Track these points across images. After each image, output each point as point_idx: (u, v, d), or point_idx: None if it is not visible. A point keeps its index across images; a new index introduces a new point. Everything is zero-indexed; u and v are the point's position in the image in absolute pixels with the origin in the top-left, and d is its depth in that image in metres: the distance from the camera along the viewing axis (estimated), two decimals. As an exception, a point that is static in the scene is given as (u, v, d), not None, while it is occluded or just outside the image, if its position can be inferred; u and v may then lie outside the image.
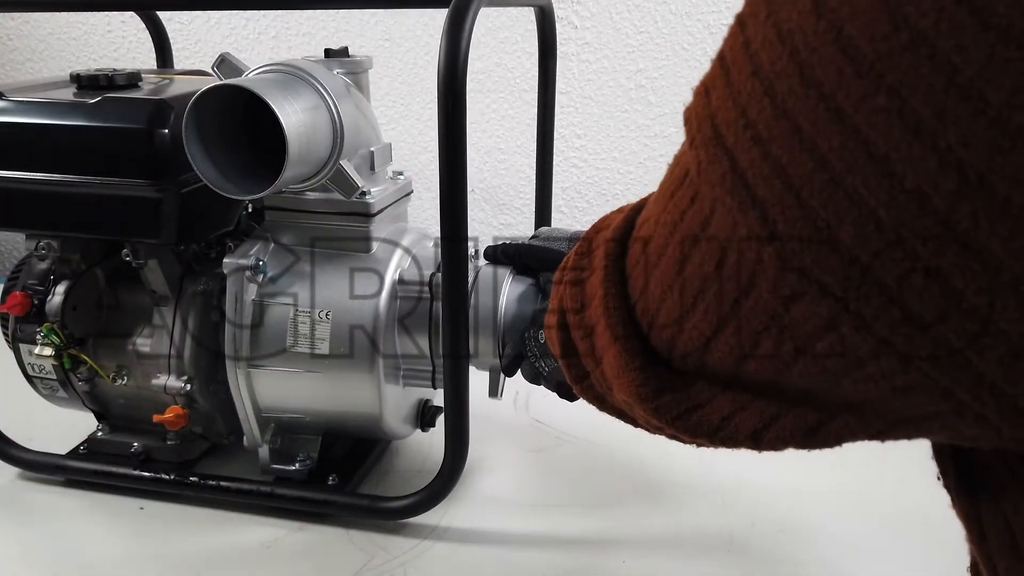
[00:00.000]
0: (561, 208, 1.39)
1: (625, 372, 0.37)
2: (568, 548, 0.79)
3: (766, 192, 0.27)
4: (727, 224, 0.30)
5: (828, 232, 0.25)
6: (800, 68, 0.25)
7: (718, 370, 0.34)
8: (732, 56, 0.28)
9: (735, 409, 0.34)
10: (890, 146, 0.23)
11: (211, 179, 0.68)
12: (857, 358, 0.27)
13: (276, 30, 1.44)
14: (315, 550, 0.78)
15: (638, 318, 0.37)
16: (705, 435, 0.35)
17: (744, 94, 0.27)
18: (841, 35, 0.23)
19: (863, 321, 0.26)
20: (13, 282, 0.84)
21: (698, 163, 0.30)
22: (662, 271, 0.35)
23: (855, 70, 0.23)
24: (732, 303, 0.31)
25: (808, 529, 0.80)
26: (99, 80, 0.80)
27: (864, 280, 0.25)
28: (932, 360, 0.25)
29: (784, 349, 0.30)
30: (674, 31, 1.29)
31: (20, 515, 0.84)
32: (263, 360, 0.77)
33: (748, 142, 0.27)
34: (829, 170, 0.25)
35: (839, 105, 0.24)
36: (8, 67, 1.57)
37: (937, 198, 0.23)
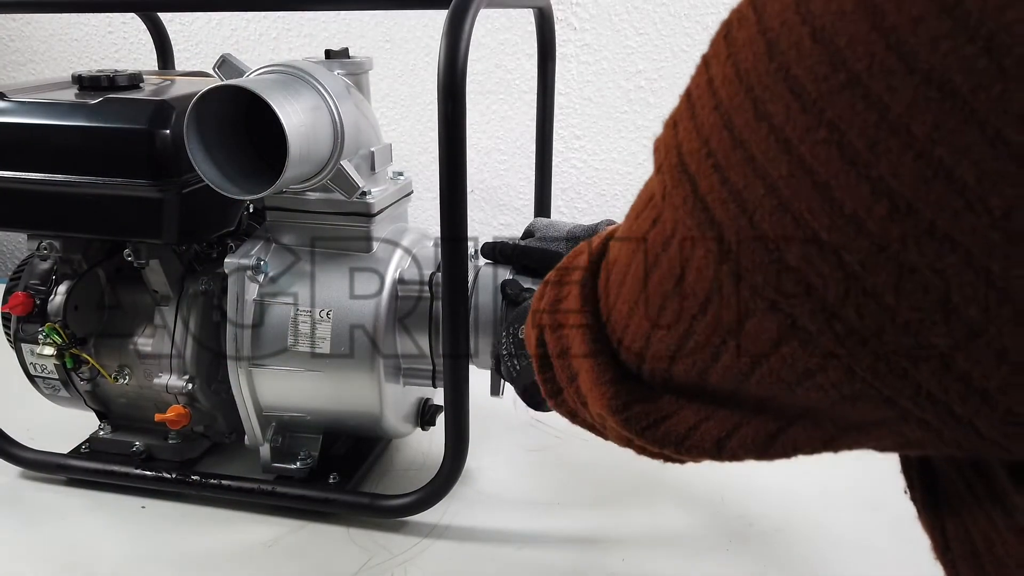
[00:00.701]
0: (561, 208, 1.40)
1: (597, 386, 0.40)
2: (568, 547, 0.79)
3: (723, 215, 0.29)
4: (687, 244, 0.32)
5: (777, 253, 0.27)
6: (754, 103, 0.27)
7: (683, 382, 0.36)
8: (697, 92, 0.31)
9: (700, 419, 0.36)
10: (830, 174, 0.25)
11: (212, 179, 0.68)
12: (807, 369, 0.29)
13: (277, 31, 1.45)
14: (316, 548, 0.78)
15: (609, 335, 0.39)
16: (672, 445, 0.37)
17: (707, 126, 0.30)
18: (789, 74, 0.26)
19: (809, 336, 0.28)
20: (15, 282, 0.84)
21: (663, 187, 0.33)
22: (628, 289, 0.37)
23: (800, 106, 0.26)
24: (691, 319, 0.33)
25: (807, 529, 0.80)
26: (100, 81, 0.81)
27: (809, 297, 0.27)
28: (873, 371, 0.27)
29: (741, 361, 0.32)
30: (673, 33, 1.29)
31: (22, 514, 0.84)
32: (264, 359, 0.77)
33: (709, 169, 0.29)
34: (778, 195, 0.27)
35: (787, 136, 0.26)
36: (10, 68, 1.58)
37: (871, 222, 0.25)
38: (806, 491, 0.86)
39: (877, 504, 0.83)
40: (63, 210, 0.77)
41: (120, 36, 1.51)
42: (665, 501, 0.85)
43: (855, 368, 0.28)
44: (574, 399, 0.45)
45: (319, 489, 0.81)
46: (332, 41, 1.41)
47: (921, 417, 0.28)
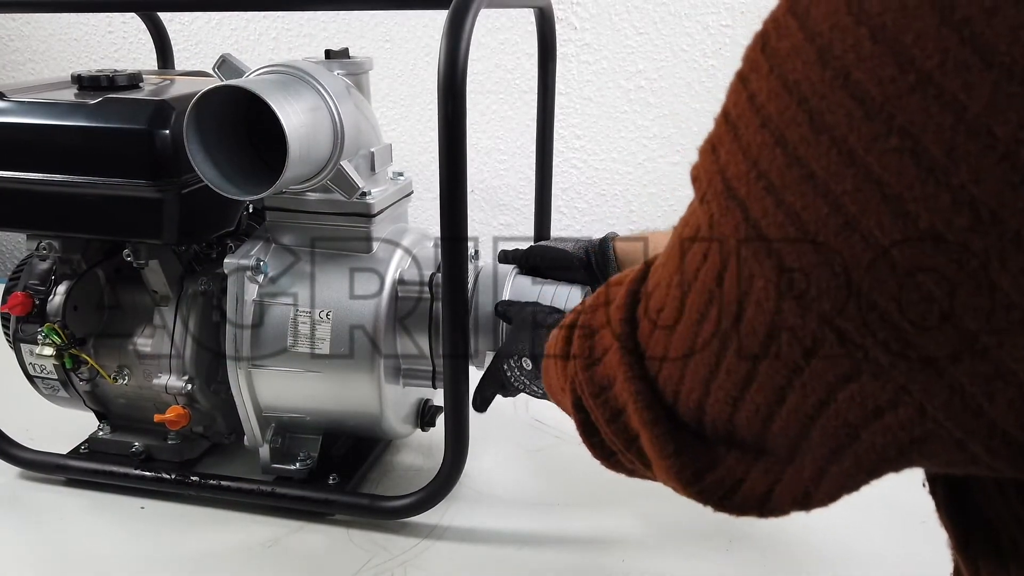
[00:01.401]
0: (561, 208, 1.40)
1: (661, 460, 0.37)
2: (568, 547, 0.79)
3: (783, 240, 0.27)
4: (743, 275, 0.30)
5: (845, 276, 0.25)
6: (810, 115, 0.25)
7: (746, 434, 0.34)
8: (737, 111, 0.29)
9: (773, 481, 0.34)
10: (903, 185, 0.23)
11: (212, 180, 0.68)
12: (876, 408, 0.27)
13: (277, 31, 1.44)
14: (315, 549, 0.78)
15: (661, 391, 0.37)
16: (753, 510, 0.35)
17: (754, 146, 0.28)
18: (849, 80, 0.24)
19: (881, 368, 0.26)
20: (14, 282, 0.84)
21: (709, 217, 0.31)
22: (680, 334, 0.34)
23: (865, 112, 0.24)
24: (753, 359, 0.31)
25: (807, 529, 0.80)
26: (100, 81, 0.80)
27: (882, 325, 0.25)
28: (946, 408, 0.25)
29: (808, 403, 0.29)
30: (673, 32, 1.29)
31: (21, 514, 0.84)
32: (264, 360, 0.77)
33: (761, 192, 0.27)
34: (843, 213, 0.25)
35: (851, 148, 0.24)
36: (9, 68, 1.57)
37: (950, 236, 0.23)
38: (806, 492, 0.86)
39: (877, 504, 0.83)
40: (63, 210, 0.77)
41: (120, 36, 1.51)
42: (665, 501, 0.85)
43: (927, 406, 0.26)
44: (633, 462, 0.42)
45: (319, 490, 0.81)
46: (332, 41, 1.41)
47: (991, 465, 0.26)
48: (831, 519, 0.82)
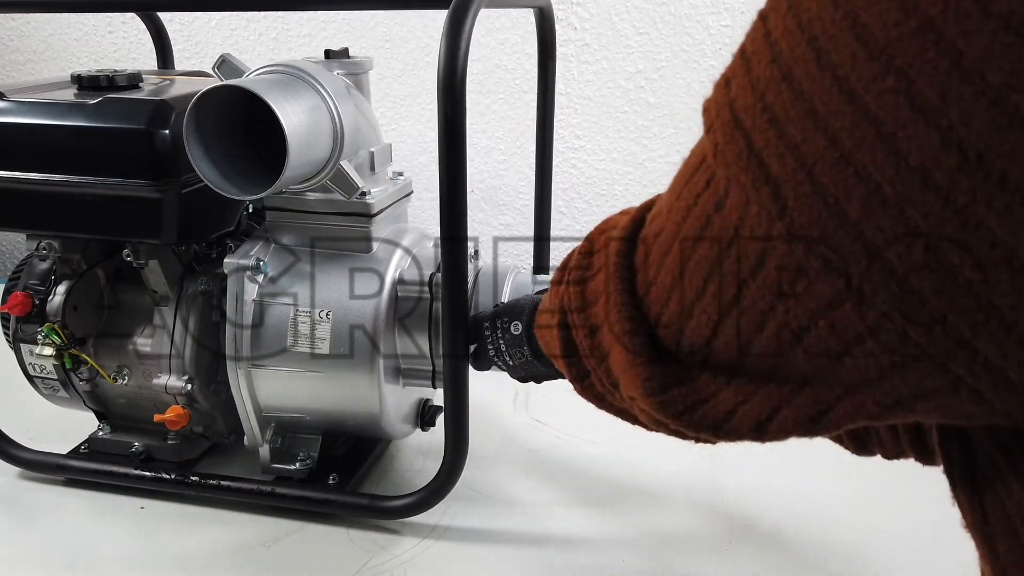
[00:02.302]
0: (561, 208, 1.40)
1: (631, 367, 0.38)
2: (568, 547, 0.79)
3: (780, 170, 0.28)
4: (740, 202, 0.31)
5: (837, 208, 0.27)
6: (817, 53, 0.26)
7: (724, 358, 0.35)
8: (753, 47, 0.30)
9: (739, 401, 0.35)
10: (897, 124, 0.25)
11: (211, 180, 0.68)
12: (858, 334, 0.28)
13: (276, 31, 1.44)
14: (315, 549, 0.78)
15: (646, 313, 0.38)
16: (709, 429, 0.36)
17: (763, 80, 0.29)
18: (856, 22, 0.25)
19: (864, 296, 0.27)
20: (14, 282, 0.84)
21: (715, 146, 0.32)
22: (673, 258, 0.36)
23: (868, 54, 0.25)
24: (740, 284, 0.32)
25: (807, 529, 0.80)
26: (100, 81, 0.80)
27: (867, 254, 0.27)
28: (929, 334, 0.27)
29: (789, 329, 0.31)
30: (673, 32, 1.29)
31: (21, 515, 0.84)
32: (263, 360, 0.77)
33: (765, 124, 0.28)
34: (840, 148, 0.26)
35: (852, 87, 0.25)
36: (9, 68, 1.57)
37: (939, 174, 0.24)
38: (806, 491, 0.86)
39: (877, 504, 0.83)
40: (63, 210, 0.77)
41: (120, 36, 1.51)
42: (665, 501, 0.85)
43: (910, 333, 0.27)
44: (603, 382, 0.43)
45: (318, 490, 0.81)
46: (332, 41, 1.41)
47: (974, 387, 0.27)
48: (831, 519, 0.82)
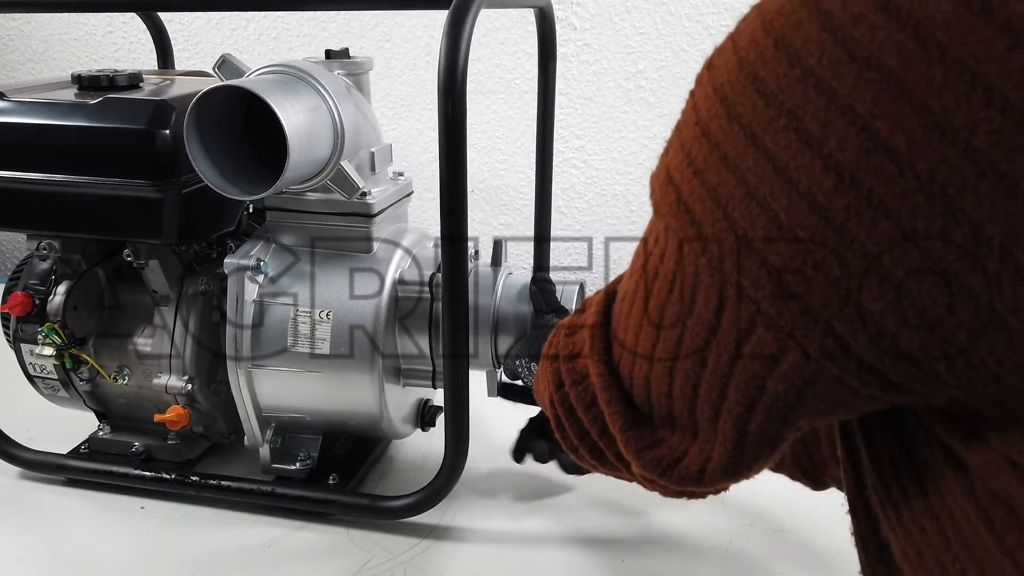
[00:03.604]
0: (561, 208, 1.40)
1: (618, 433, 0.43)
2: (568, 547, 0.79)
3: (702, 211, 0.33)
4: (674, 247, 0.35)
5: (745, 238, 0.31)
6: (727, 108, 0.31)
7: (682, 408, 0.38)
8: (684, 119, 0.35)
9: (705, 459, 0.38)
10: (788, 156, 0.29)
11: (212, 180, 0.68)
12: (772, 356, 0.32)
13: (277, 31, 1.44)
14: (315, 549, 0.78)
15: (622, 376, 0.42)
16: (693, 483, 0.40)
17: (688, 140, 0.34)
18: (756, 77, 0.30)
19: (770, 318, 0.31)
20: (14, 282, 0.84)
21: (656, 205, 0.37)
22: (635, 315, 0.40)
23: (765, 102, 0.30)
24: (682, 323, 0.36)
25: (807, 529, 0.80)
26: (100, 81, 0.80)
27: (769, 279, 0.31)
28: (823, 350, 0.30)
29: (723, 361, 0.34)
30: (673, 32, 1.29)
31: (21, 515, 0.84)
32: (264, 360, 0.77)
33: (690, 175, 0.33)
34: (747, 185, 0.31)
35: (754, 131, 0.30)
36: (9, 68, 1.57)
37: (820, 196, 0.28)
38: (806, 491, 0.86)
39: (877, 505, 0.83)
40: (63, 210, 0.77)
41: (120, 36, 1.51)
42: (665, 501, 0.85)
43: (808, 349, 0.31)
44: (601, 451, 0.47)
45: (319, 490, 0.81)
46: (332, 41, 1.41)
47: (868, 394, 0.31)
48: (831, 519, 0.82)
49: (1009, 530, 0.29)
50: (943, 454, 0.32)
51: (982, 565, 0.30)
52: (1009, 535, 0.29)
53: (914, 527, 0.34)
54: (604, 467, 0.49)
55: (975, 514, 0.31)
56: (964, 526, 0.31)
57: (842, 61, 0.27)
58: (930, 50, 0.26)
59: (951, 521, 0.32)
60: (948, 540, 0.32)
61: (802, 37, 0.29)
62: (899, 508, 0.35)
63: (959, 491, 0.31)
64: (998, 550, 0.30)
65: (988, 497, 0.30)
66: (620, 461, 0.46)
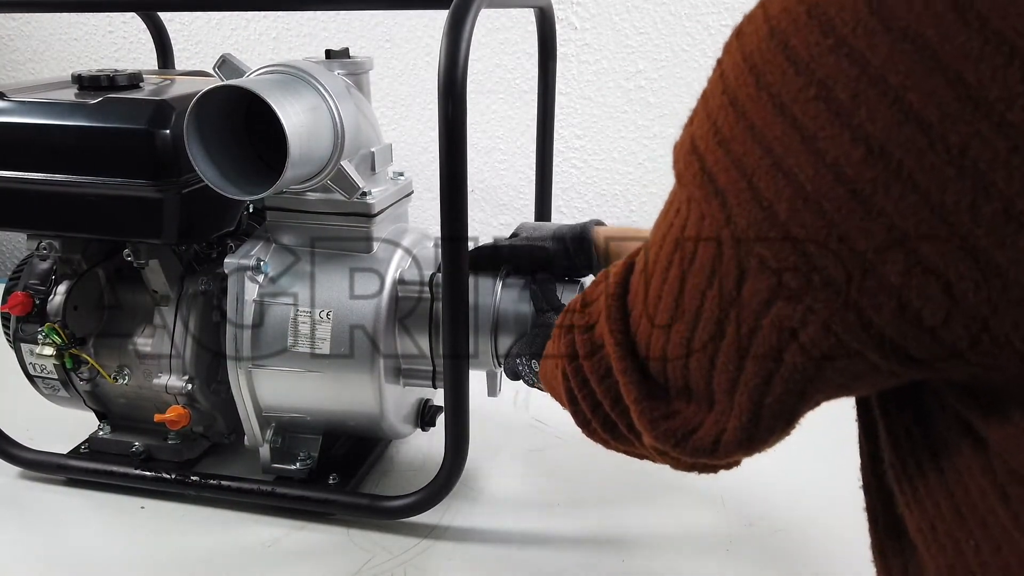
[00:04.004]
0: (561, 208, 1.40)
1: (633, 404, 0.42)
2: (568, 547, 0.79)
3: (726, 181, 0.32)
4: (696, 217, 0.35)
5: (770, 209, 0.30)
6: (756, 77, 0.31)
7: (699, 379, 0.38)
8: (711, 87, 0.35)
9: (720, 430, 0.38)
10: (817, 126, 0.29)
11: (212, 180, 0.68)
12: (791, 329, 0.32)
13: (277, 31, 1.44)
14: (316, 549, 0.78)
15: (638, 347, 0.42)
16: (706, 454, 0.39)
17: (715, 109, 0.33)
18: (787, 46, 0.30)
19: (792, 292, 0.31)
20: (14, 282, 0.84)
21: (678, 174, 0.36)
22: (655, 287, 0.39)
23: (795, 70, 0.29)
24: (701, 294, 0.35)
25: (807, 529, 0.80)
26: (100, 81, 0.80)
27: (793, 251, 0.30)
28: (843, 323, 0.30)
29: (742, 332, 0.34)
30: (673, 32, 1.29)
31: (21, 514, 0.84)
32: (264, 360, 0.77)
33: (715, 144, 0.33)
34: (772, 155, 0.30)
35: (783, 100, 0.30)
36: (9, 68, 1.57)
37: (848, 168, 0.28)
38: (806, 491, 0.86)
39: (877, 505, 0.83)
40: (63, 210, 0.77)
41: (120, 36, 1.51)
42: (665, 501, 0.85)
43: (830, 323, 0.30)
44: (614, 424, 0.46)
45: (319, 490, 0.81)
46: (332, 41, 1.41)
47: (888, 369, 0.31)
48: (831, 520, 0.82)
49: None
50: (961, 429, 0.32)
51: (997, 541, 0.30)
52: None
53: (929, 502, 0.34)
54: (616, 440, 0.49)
55: (992, 491, 0.30)
56: (980, 503, 0.31)
57: (877, 31, 0.27)
58: (969, 21, 0.25)
59: (967, 497, 0.31)
60: (963, 516, 0.32)
61: (836, 5, 0.28)
62: (915, 483, 0.35)
63: (976, 467, 0.31)
64: (1015, 527, 0.29)
65: (1006, 474, 0.30)
66: (632, 432, 0.45)
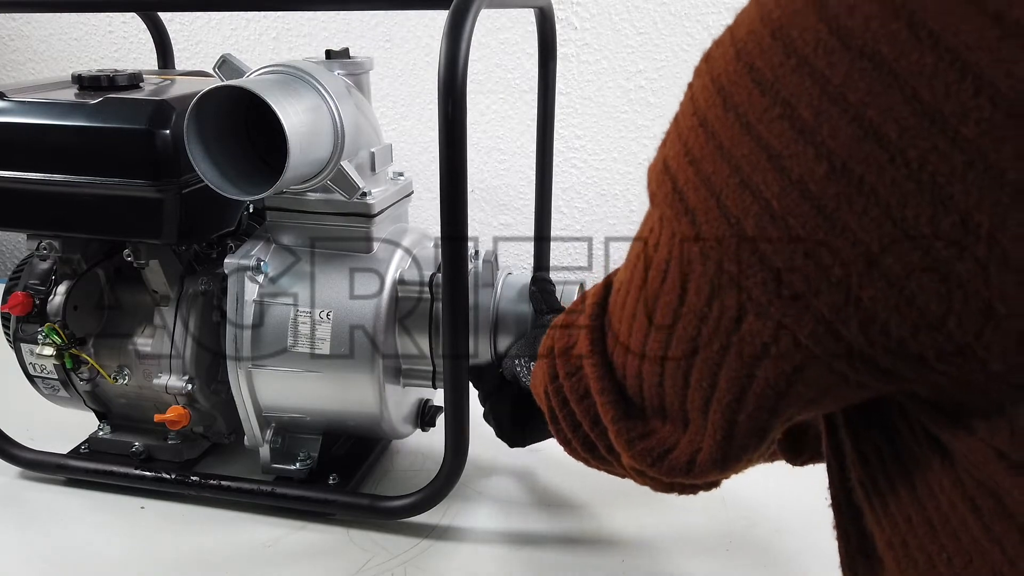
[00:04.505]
0: (561, 208, 1.40)
1: (609, 424, 0.43)
2: (568, 548, 0.79)
3: (696, 200, 0.33)
4: (667, 236, 0.36)
5: (738, 226, 0.31)
6: (724, 98, 0.32)
7: (673, 399, 0.39)
8: (682, 110, 0.35)
9: (695, 450, 0.38)
10: (782, 144, 0.29)
11: (212, 180, 0.68)
12: (763, 344, 0.32)
13: (277, 31, 1.44)
14: (316, 549, 0.78)
15: (615, 367, 0.43)
16: (682, 473, 0.40)
17: (685, 130, 0.34)
18: (753, 67, 0.31)
19: (761, 306, 0.32)
20: (15, 282, 0.84)
21: (651, 195, 0.37)
22: (629, 304, 0.40)
23: (760, 91, 0.30)
24: (673, 313, 0.36)
25: (807, 529, 0.80)
26: (100, 81, 0.80)
27: (761, 266, 0.31)
28: (813, 336, 0.31)
29: (713, 349, 0.35)
30: (673, 32, 1.29)
31: (21, 514, 0.84)
32: (264, 360, 0.77)
33: (686, 164, 0.34)
34: (741, 173, 0.31)
35: (749, 120, 0.30)
36: (9, 68, 1.57)
37: (813, 184, 0.29)
38: (806, 491, 0.85)
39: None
40: (63, 210, 0.77)
41: (120, 36, 1.51)
42: (665, 501, 0.85)
43: (799, 336, 0.31)
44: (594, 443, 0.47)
45: (319, 490, 0.81)
46: (332, 41, 1.41)
47: (857, 380, 0.31)
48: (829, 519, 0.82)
49: (996, 519, 0.29)
50: (929, 444, 0.32)
51: (969, 553, 0.30)
52: (996, 523, 0.29)
53: (900, 517, 0.34)
54: (596, 460, 0.49)
55: (962, 503, 0.31)
56: (951, 515, 0.31)
57: (836, 50, 0.28)
58: (922, 39, 0.26)
59: (937, 511, 0.32)
60: (935, 529, 0.32)
61: (799, 27, 0.29)
62: (885, 499, 0.35)
63: (946, 481, 0.31)
64: (985, 538, 0.30)
65: (975, 486, 0.30)
66: (611, 454, 0.46)
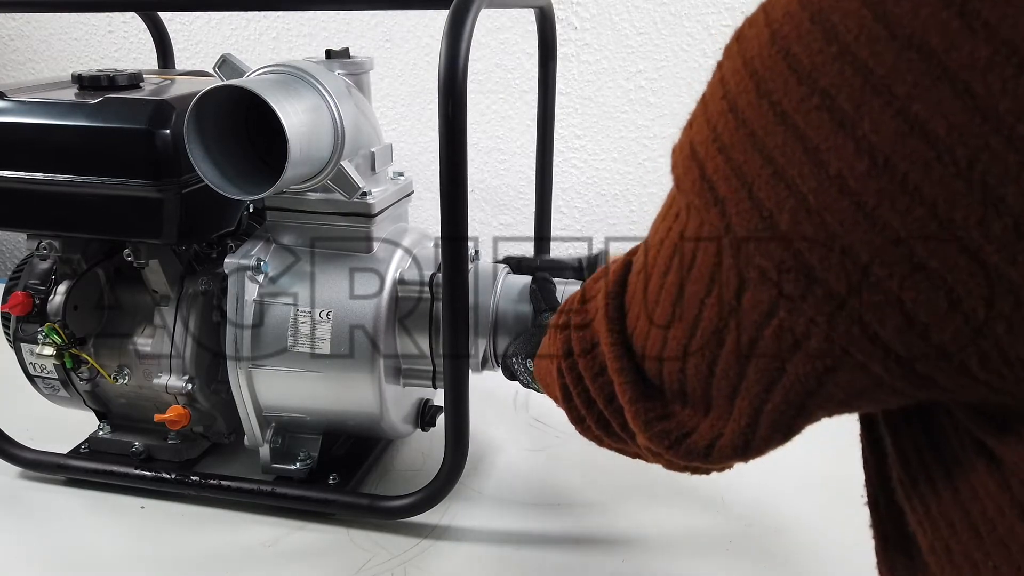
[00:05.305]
0: (561, 208, 1.40)
1: (627, 404, 0.42)
2: (568, 547, 0.79)
3: (726, 190, 0.31)
4: (696, 224, 0.34)
5: (770, 220, 0.30)
6: (757, 84, 0.30)
7: (695, 384, 0.37)
8: (710, 91, 0.34)
9: (716, 436, 0.37)
10: (820, 137, 0.28)
11: (212, 179, 0.68)
12: (795, 340, 0.31)
13: (277, 31, 1.44)
14: (316, 549, 0.78)
15: (634, 348, 0.41)
16: (699, 458, 0.39)
17: (714, 115, 0.32)
18: (789, 53, 0.29)
19: (794, 303, 0.30)
20: (15, 282, 0.84)
21: (677, 180, 0.36)
22: (652, 289, 0.39)
23: (797, 79, 0.28)
24: (700, 302, 0.35)
25: (807, 529, 0.80)
26: (100, 80, 0.80)
27: (794, 262, 0.29)
28: (847, 335, 0.29)
29: (742, 341, 0.33)
30: (673, 32, 1.29)
31: (21, 514, 0.84)
32: (264, 360, 0.77)
33: (715, 151, 0.32)
34: (774, 165, 0.29)
35: (784, 109, 0.29)
36: (9, 67, 1.57)
37: (852, 180, 0.27)
38: (806, 492, 0.86)
39: (877, 505, 0.83)
40: (63, 210, 0.77)
41: (120, 36, 1.51)
42: (665, 501, 0.85)
43: (832, 335, 0.30)
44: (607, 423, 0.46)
45: (319, 490, 0.81)
46: (332, 41, 1.41)
47: (892, 384, 0.30)
48: (831, 520, 0.82)
49: None
50: (975, 447, 0.31)
51: (1018, 562, 0.29)
52: None
53: (943, 522, 0.32)
54: (609, 438, 0.48)
55: (1011, 510, 0.29)
56: (998, 522, 0.30)
57: (881, 39, 0.26)
58: (976, 30, 0.24)
59: (983, 517, 0.30)
60: (980, 536, 0.30)
61: (841, 11, 0.27)
62: (927, 502, 0.33)
63: (992, 486, 0.30)
64: None
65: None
66: (625, 431, 0.45)
